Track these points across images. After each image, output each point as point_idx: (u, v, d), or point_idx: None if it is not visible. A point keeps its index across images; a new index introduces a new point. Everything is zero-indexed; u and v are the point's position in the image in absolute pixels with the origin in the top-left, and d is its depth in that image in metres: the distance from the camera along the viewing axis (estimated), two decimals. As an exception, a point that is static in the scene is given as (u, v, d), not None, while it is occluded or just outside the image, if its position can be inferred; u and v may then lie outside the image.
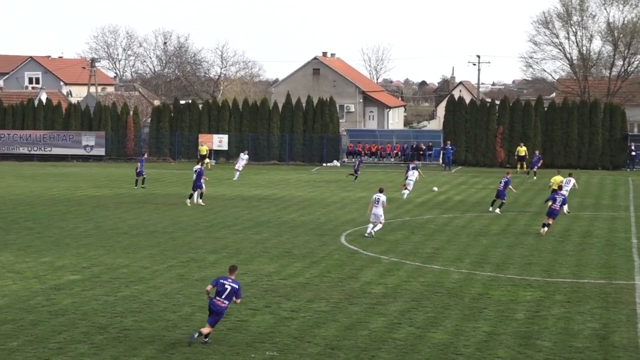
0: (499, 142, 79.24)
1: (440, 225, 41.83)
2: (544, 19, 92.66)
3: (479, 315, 24.50)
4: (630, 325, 23.44)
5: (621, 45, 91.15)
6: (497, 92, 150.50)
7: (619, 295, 27.01)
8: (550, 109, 79.82)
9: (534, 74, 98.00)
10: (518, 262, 32.48)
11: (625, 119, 79.66)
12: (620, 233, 39.81)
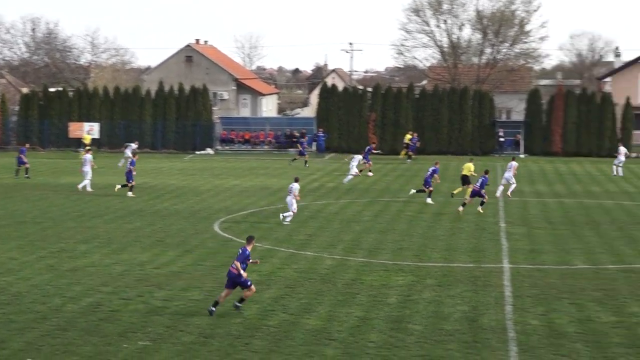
0: (371, 129, 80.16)
1: (313, 212, 42.07)
2: (415, 7, 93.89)
3: (351, 300, 24.75)
4: (499, 308, 24.01)
5: (490, 34, 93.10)
6: (370, 79, 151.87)
7: (487, 279, 27.64)
8: (422, 96, 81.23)
9: (405, 62, 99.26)
10: (390, 248, 32.93)
11: (493, 105, 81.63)
12: (489, 218, 40.74)
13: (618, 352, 20.12)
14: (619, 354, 19.99)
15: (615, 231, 36.99)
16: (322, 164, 69.38)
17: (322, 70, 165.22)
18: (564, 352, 20.09)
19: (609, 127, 78.46)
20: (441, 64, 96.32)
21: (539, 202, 46.63)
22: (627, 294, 25.60)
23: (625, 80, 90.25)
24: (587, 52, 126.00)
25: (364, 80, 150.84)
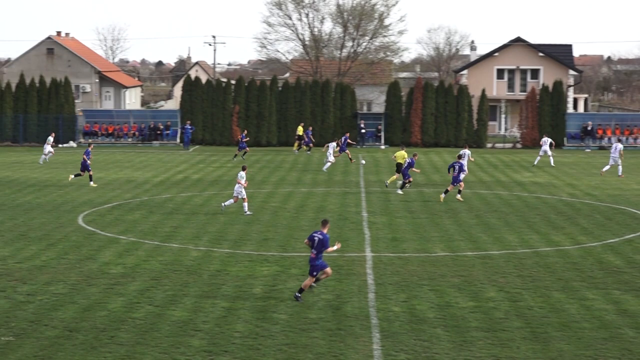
0: (235, 121, 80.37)
1: (178, 204, 42.03)
2: (277, 1, 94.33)
3: (217, 291, 24.94)
4: (362, 295, 24.57)
5: (350, 27, 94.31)
6: (233, 72, 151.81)
7: (351, 267, 28.21)
8: (285, 88, 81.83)
9: (268, 55, 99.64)
10: (255, 238, 33.22)
11: (355, 97, 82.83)
12: (351, 208, 41.45)
13: (476, 335, 20.87)
14: (477, 337, 20.73)
15: (472, 219, 38.15)
16: (187, 156, 69.15)
17: (185, 63, 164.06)
18: (424, 337, 20.72)
19: (465, 118, 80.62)
20: (303, 57, 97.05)
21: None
22: (484, 280, 26.52)
23: (480, 73, 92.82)
24: (444, 46, 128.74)
25: (227, 73, 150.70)
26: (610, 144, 77.91)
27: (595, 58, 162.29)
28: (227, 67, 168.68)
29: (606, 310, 23.12)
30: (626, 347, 20.03)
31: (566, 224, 36.95)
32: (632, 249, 31.64)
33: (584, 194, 46.76)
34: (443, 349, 19.88)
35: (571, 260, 29.50)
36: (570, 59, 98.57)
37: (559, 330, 21.33)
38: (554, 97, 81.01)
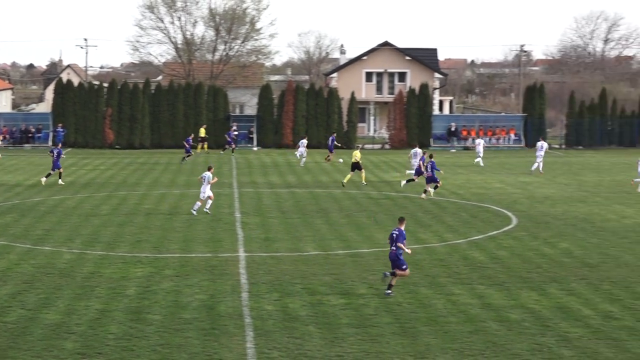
0: (107, 123, 79.63)
1: (50, 207, 41.55)
2: (149, 4, 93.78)
3: (90, 293, 24.92)
4: (235, 295, 24.89)
5: (222, 31, 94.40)
6: (106, 75, 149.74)
7: (224, 267, 28.51)
8: (157, 91, 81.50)
9: (141, 58, 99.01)
10: (129, 240, 33.20)
11: (227, 100, 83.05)
12: (224, 208, 41.71)
13: (347, 332, 21.42)
14: (348, 333, 21.28)
15: (343, 218, 38.88)
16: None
17: (57, 65, 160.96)
18: (297, 334, 21.15)
19: (335, 120, 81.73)
20: (176, 60, 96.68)
21: (272, 192, 48.13)
22: (355, 278, 27.16)
23: (350, 76, 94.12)
24: (314, 49, 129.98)
25: (99, 76, 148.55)
26: (474, 144, 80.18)
27: (459, 62, 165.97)
28: (99, 70, 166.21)
29: (471, 305, 24.02)
30: (490, 340, 20.87)
31: (433, 222, 38.03)
32: (495, 245, 32.82)
33: (449, 192, 48.09)
34: (315, 346, 20.35)
35: (438, 257, 30.45)
36: (436, 62, 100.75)
37: (426, 324, 22.08)
38: (420, 99, 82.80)
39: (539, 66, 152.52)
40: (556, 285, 26.36)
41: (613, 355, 19.75)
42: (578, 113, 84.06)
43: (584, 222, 38.22)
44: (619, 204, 44.03)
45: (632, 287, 26.18)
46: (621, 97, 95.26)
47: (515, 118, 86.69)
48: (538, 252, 31.44)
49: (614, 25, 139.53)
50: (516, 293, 25.31)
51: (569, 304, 24.18)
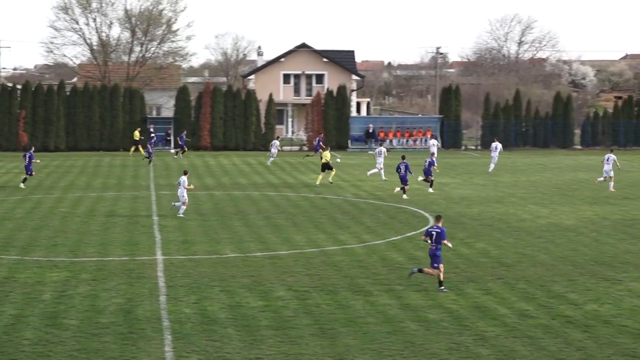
0: (21, 126, 78.44)
1: (-39, 212, 40.74)
2: (63, 5, 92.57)
3: (5, 299, 24.47)
4: (153, 298, 24.69)
5: (139, 32, 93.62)
6: (19, 76, 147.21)
7: (142, 271, 28.25)
8: (73, 93, 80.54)
9: (55, 59, 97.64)
10: (44, 244, 32.70)
11: (144, 102, 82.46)
12: (142, 211, 41.37)
13: (266, 334, 21.39)
14: (267, 335, 21.25)
15: (261, 220, 38.84)
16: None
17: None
18: (216, 337, 21.04)
19: (253, 122, 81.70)
20: (91, 61, 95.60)
21: (190, 195, 47.71)
22: (274, 279, 27.15)
23: (267, 78, 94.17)
24: (231, 51, 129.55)
25: (13, 78, 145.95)
26: (392, 145, 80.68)
27: (376, 63, 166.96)
28: (12, 71, 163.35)
29: (390, 305, 24.17)
30: (409, 340, 21.02)
31: (351, 224, 38.21)
32: (413, 245, 33.09)
33: (367, 194, 48.38)
34: (234, 348, 20.28)
35: (356, 258, 30.59)
36: (353, 64, 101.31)
37: (345, 325, 22.15)
38: (338, 101, 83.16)
39: (455, 68, 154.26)
40: (473, 285, 26.67)
41: (529, 353, 20.04)
42: (493, 114, 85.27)
43: (500, 222, 38.76)
44: (533, 204, 44.76)
45: (547, 285, 26.61)
46: (535, 98, 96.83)
47: (431, 119, 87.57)
48: (455, 252, 31.73)
49: (527, 28, 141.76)
50: (434, 293, 25.53)
51: (485, 303, 24.49)
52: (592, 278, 27.57)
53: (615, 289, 26.20)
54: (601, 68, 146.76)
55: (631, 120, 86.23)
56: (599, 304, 24.33)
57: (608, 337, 21.27)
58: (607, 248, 32.71)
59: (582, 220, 39.32)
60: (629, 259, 30.56)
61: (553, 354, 20.04)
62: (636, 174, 60.02)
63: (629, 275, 27.93)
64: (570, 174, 59.29)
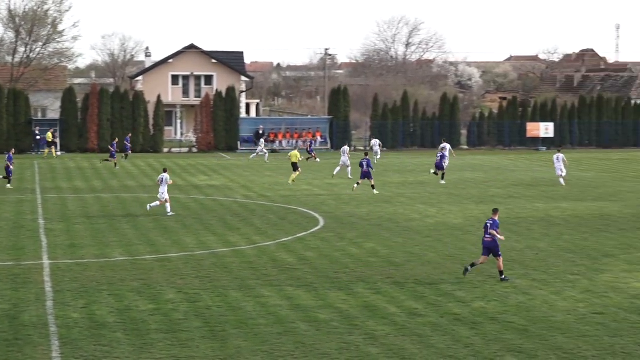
0: None
1: None
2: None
3: None
4: (40, 304, 24.21)
5: (23, 33, 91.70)
6: None
7: (28, 276, 27.68)
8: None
9: None
10: None
11: (29, 104, 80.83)
12: (27, 215, 40.55)
13: (156, 337, 21.19)
14: (157, 339, 21.05)
15: (151, 223, 38.46)
16: None
17: None
18: (105, 342, 20.76)
19: (142, 124, 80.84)
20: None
21: (77, 198, 47.09)
22: (164, 282, 26.91)
23: (156, 79, 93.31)
24: (119, 52, 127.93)
25: None
26: (282, 147, 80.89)
27: (265, 65, 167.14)
28: None
29: (281, 306, 24.20)
30: (300, 341, 21.07)
31: (242, 225, 38.13)
32: (303, 246, 33.20)
33: (258, 195, 48.36)
34: (123, 353, 20.04)
35: (247, 260, 30.54)
36: (242, 65, 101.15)
37: (236, 327, 22.09)
38: (227, 102, 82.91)
39: (344, 69, 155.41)
40: (363, 284, 26.88)
41: (418, 351, 20.29)
42: (381, 115, 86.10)
43: (389, 222, 39.17)
44: (422, 203, 45.35)
45: (436, 284, 26.99)
46: (422, 99, 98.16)
47: (321, 120, 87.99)
48: (345, 252, 31.99)
49: (414, 29, 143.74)
50: (324, 293, 25.66)
51: (375, 302, 24.71)
52: (479, 276, 28.08)
53: (502, 286, 26.74)
54: (486, 69, 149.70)
55: (515, 121, 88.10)
56: (486, 302, 24.80)
57: (495, 333, 21.69)
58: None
59: (469, 219, 40.02)
60: (515, 257, 31.23)
61: (442, 351, 20.33)
62: (521, 173, 61.37)
63: (515, 273, 28.54)
64: (457, 174, 60.26)
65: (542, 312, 23.66)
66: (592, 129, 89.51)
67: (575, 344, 20.83)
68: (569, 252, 32.32)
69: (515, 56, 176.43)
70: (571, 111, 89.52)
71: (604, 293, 25.81)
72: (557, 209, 43.48)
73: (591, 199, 47.44)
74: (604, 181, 56.48)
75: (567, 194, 49.28)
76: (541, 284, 26.97)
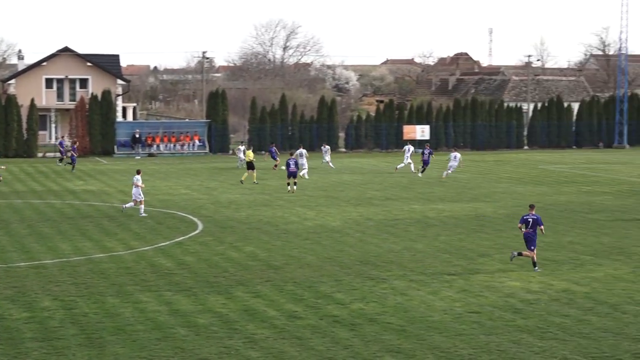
0: None
1: None
2: None
3: None
4: None
5: None
6: None
7: None
8: None
9: None
10: None
11: None
12: None
13: (31, 346, 20.70)
14: (31, 348, 20.57)
15: (25, 229, 37.60)
16: None
17: None
18: (-26, 351, 20.28)
19: (15, 128, 79.05)
20: None
21: (-53, 205, 45.76)
22: (39, 290, 26.31)
23: (29, 82, 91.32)
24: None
25: None
26: (159, 150, 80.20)
27: (142, 68, 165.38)
28: None
29: (159, 312, 23.94)
30: (179, 346, 20.88)
31: (119, 230, 37.61)
32: (182, 251, 32.93)
33: (136, 200, 47.74)
34: (-3, 363, 19.58)
35: (125, 265, 30.13)
36: (118, 68, 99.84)
37: (114, 334, 21.76)
38: (103, 106, 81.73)
39: (222, 73, 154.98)
40: (242, 288, 26.81)
41: (298, 354, 20.32)
42: (260, 119, 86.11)
43: (268, 225, 39.18)
44: (300, 206, 45.50)
45: (315, 286, 27.10)
46: (300, 102, 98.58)
47: (199, 124, 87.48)
48: (224, 256, 31.87)
49: (292, 33, 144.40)
50: (204, 298, 25.50)
51: (255, 306, 24.67)
52: (357, 277, 28.31)
53: (380, 287, 27.02)
54: (363, 73, 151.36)
55: (392, 123, 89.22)
56: (365, 303, 25.01)
57: (374, 334, 21.89)
58: (372, 248, 33.70)
59: (347, 222, 40.33)
60: (392, 258, 31.60)
61: (321, 353, 20.41)
62: (398, 175, 62.07)
63: (393, 274, 28.87)
64: (336, 176, 60.70)
65: (419, 312, 23.99)
66: (467, 131, 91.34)
67: (452, 342, 21.19)
68: (446, 252, 32.87)
69: (391, 59, 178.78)
70: (446, 114, 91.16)
71: (480, 292, 26.33)
72: (433, 210, 44.20)
73: (466, 200, 48.39)
74: (479, 182, 57.68)
75: (444, 196, 50.14)
76: (419, 285, 27.35)
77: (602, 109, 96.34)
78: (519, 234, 34.51)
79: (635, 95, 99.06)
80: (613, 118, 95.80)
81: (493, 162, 74.91)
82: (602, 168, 68.75)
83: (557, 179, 59.89)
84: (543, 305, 24.84)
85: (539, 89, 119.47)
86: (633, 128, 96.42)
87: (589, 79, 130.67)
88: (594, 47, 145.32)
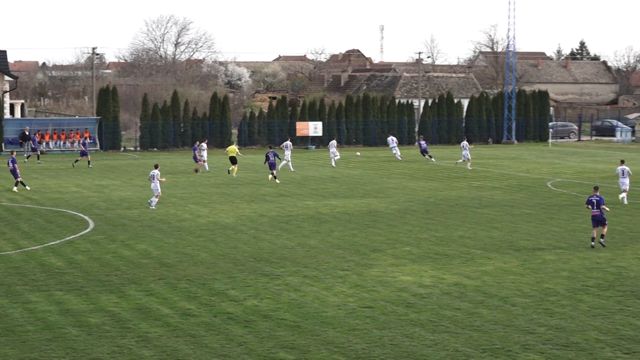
0: None
1: None
2: None
3: None
4: None
5: None
6: None
7: None
8: None
9: None
10: None
11: None
12: None
13: None
14: None
15: None
16: None
17: None
18: None
19: None
20: None
21: None
22: None
23: None
24: None
25: None
26: (49, 148, 78.91)
27: (30, 64, 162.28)
28: None
29: (50, 312, 23.54)
30: (70, 346, 20.58)
31: (7, 229, 36.84)
32: (72, 250, 32.43)
33: (24, 198, 46.83)
34: None
35: (13, 265, 29.54)
36: (6, 64, 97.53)
37: (3, 335, 21.33)
38: (-9, 102, 79.83)
39: (112, 69, 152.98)
40: (135, 286, 26.55)
41: (192, 352, 20.23)
42: (152, 115, 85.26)
43: (161, 223, 38.86)
44: (193, 203, 45.25)
45: (208, 284, 27.00)
46: (193, 99, 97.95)
47: (89, 121, 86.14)
48: (116, 254, 31.50)
49: (183, 29, 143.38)
50: (95, 297, 25.18)
51: (148, 304, 24.45)
52: (251, 274, 28.31)
53: (274, 283, 27.06)
54: (256, 69, 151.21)
55: (285, 120, 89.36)
56: (259, 299, 25.03)
57: (268, 330, 21.92)
58: (266, 244, 33.72)
59: (241, 218, 40.27)
60: (286, 254, 31.68)
61: (215, 350, 20.36)
62: (290, 171, 62.19)
63: (287, 270, 28.95)
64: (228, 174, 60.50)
65: (313, 308, 24.11)
66: (359, 127, 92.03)
67: (346, 337, 21.35)
68: (339, 248, 33.10)
69: (284, 56, 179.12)
70: (338, 110, 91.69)
71: (373, 287, 26.59)
72: (326, 206, 44.44)
73: (359, 195, 48.78)
74: (371, 178, 58.20)
75: (336, 192, 50.45)
76: (312, 280, 27.48)
77: (491, 105, 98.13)
78: (411, 228, 34.84)
79: (522, 92, 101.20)
80: (502, 114, 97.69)
81: (385, 158, 75.65)
82: (491, 163, 70.10)
83: (448, 175, 60.83)
84: (435, 299, 25.22)
85: (429, 85, 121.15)
86: (521, 124, 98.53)
87: (478, 75, 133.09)
88: (482, 45, 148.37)
